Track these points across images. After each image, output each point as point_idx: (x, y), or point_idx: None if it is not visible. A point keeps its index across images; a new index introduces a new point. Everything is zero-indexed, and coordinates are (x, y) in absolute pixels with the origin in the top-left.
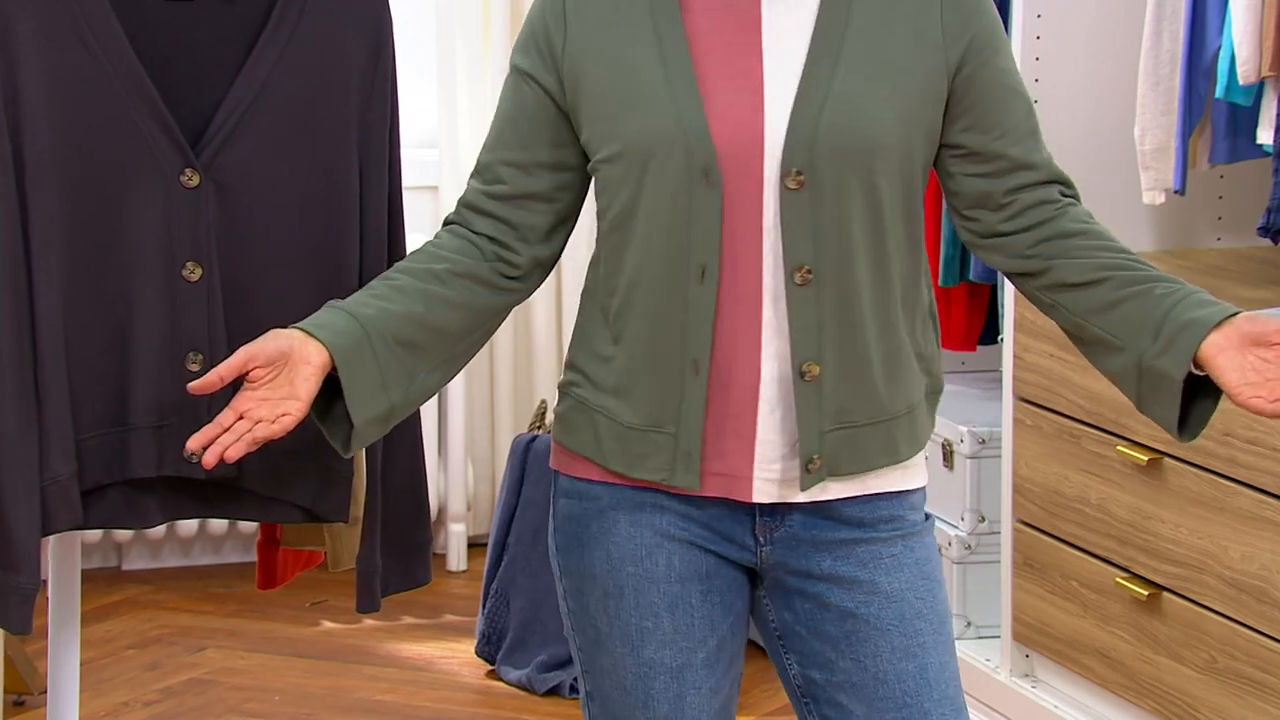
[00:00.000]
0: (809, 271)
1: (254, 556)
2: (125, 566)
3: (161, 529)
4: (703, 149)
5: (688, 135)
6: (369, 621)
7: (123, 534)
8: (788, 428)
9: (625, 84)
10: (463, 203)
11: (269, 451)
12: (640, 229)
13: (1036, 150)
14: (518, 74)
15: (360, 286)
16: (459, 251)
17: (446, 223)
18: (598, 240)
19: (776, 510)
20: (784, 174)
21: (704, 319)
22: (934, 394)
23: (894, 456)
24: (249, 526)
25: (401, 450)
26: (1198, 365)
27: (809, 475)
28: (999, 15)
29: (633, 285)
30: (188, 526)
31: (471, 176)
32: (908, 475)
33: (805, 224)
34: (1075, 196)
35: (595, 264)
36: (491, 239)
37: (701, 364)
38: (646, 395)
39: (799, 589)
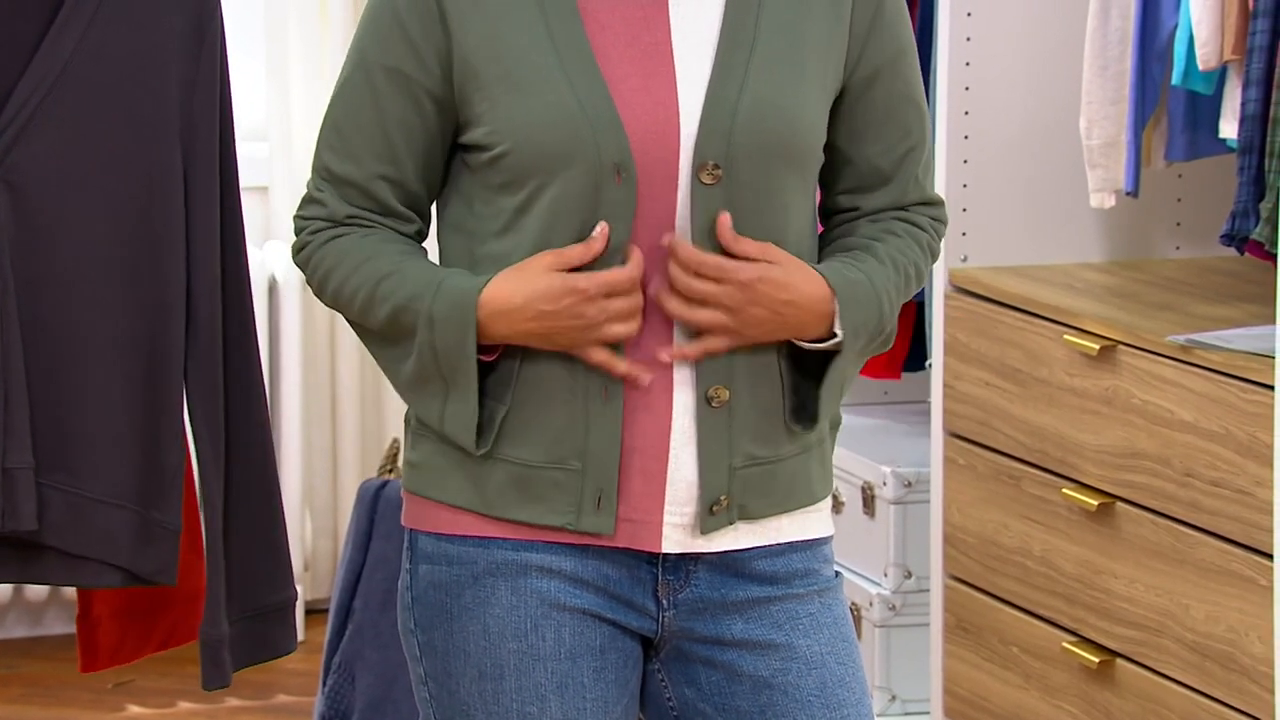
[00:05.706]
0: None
1: (43, 629)
2: None
3: None
4: (614, 142)
5: (595, 126)
6: (184, 704)
7: None
8: (699, 465)
9: (509, 70)
10: (344, 219)
11: (76, 500)
12: (533, 237)
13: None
14: (382, 72)
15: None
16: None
17: (314, 230)
18: (456, 251)
19: (681, 566)
20: (697, 167)
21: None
22: (835, 425)
23: (810, 497)
24: (36, 593)
25: (252, 489)
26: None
27: (713, 517)
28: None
29: None
30: None
31: (323, 185)
32: (820, 522)
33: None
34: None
35: None
36: (394, 230)
37: (613, 389)
38: (544, 426)
39: (705, 659)
